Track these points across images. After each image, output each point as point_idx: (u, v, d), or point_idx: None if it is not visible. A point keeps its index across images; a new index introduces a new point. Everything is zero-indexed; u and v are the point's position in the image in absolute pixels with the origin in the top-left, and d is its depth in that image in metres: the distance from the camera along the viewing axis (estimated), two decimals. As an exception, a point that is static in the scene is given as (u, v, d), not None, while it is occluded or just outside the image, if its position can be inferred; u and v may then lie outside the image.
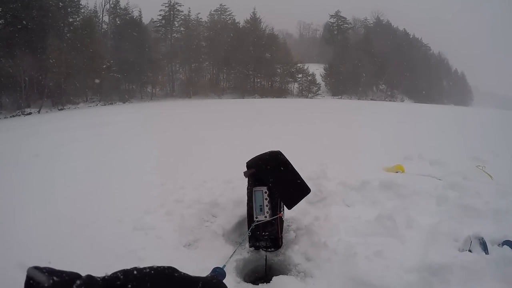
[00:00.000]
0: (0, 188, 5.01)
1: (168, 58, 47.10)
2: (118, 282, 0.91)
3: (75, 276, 0.86)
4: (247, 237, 2.99)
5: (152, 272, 0.99)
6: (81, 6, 39.80)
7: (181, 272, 1.09)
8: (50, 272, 0.82)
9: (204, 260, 2.86)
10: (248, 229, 2.91)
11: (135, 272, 0.96)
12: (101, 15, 44.68)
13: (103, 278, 0.92)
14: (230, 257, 2.40)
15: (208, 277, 1.40)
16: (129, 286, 0.92)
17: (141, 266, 1.02)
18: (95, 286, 0.88)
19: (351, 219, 3.35)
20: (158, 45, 47.10)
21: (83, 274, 0.89)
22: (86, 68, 33.70)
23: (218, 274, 1.65)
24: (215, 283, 1.31)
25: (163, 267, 1.03)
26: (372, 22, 68.51)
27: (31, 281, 0.79)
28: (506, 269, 2.20)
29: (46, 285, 0.79)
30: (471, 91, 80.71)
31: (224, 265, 1.87)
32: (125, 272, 0.95)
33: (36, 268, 0.82)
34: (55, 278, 0.81)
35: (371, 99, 50.13)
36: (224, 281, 1.48)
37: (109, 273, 0.95)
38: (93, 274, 0.91)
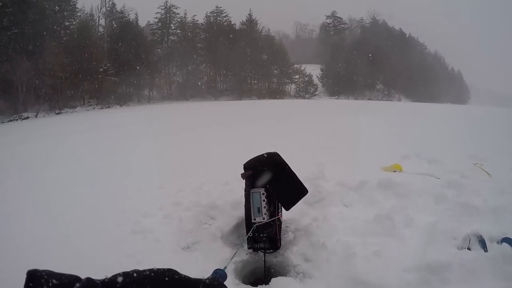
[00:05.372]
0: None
1: (164, 60, 47.05)
2: (118, 285, 0.91)
3: (74, 279, 0.86)
4: (246, 239, 2.99)
5: (152, 274, 0.99)
6: (77, 10, 39.95)
7: (181, 274, 1.09)
8: (49, 275, 0.82)
9: (202, 262, 2.86)
10: (247, 230, 2.91)
11: (135, 274, 0.96)
12: (98, 18, 44.52)
13: (103, 281, 0.91)
14: (231, 259, 2.39)
15: (209, 279, 1.40)
16: (129, 288, 0.92)
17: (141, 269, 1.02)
18: (95, 289, 0.88)
19: (350, 219, 3.34)
20: (155, 48, 47.04)
21: (82, 277, 0.88)
22: (83, 71, 33.60)
23: (219, 276, 1.65)
24: (216, 285, 1.30)
25: (163, 269, 1.03)
26: (368, 22, 68.66)
27: (31, 284, 0.79)
28: (505, 267, 2.20)
29: None
30: (468, 89, 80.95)
31: (225, 267, 1.87)
32: (124, 275, 0.95)
33: (36, 271, 0.81)
34: (54, 281, 0.81)
35: (368, 99, 50.19)
36: (224, 283, 1.48)
37: (109, 276, 0.95)
38: (92, 277, 0.91)
